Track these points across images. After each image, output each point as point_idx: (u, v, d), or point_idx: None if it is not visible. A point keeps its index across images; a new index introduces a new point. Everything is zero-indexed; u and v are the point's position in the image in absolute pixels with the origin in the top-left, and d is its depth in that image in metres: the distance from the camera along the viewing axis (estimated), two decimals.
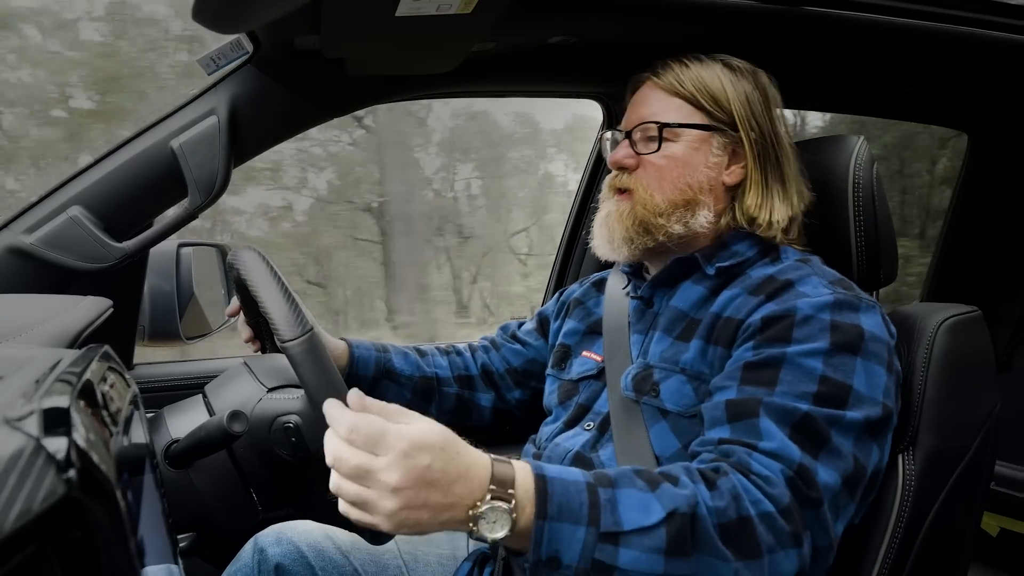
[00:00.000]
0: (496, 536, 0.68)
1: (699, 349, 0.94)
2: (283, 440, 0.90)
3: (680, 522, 0.70)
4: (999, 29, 1.28)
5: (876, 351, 0.85)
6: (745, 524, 0.73)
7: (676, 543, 0.70)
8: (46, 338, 0.79)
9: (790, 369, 0.83)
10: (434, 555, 1.15)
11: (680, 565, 0.70)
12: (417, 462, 0.66)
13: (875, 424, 0.83)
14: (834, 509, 0.80)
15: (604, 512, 0.70)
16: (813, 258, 0.99)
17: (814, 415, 0.80)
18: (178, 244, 1.33)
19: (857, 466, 0.82)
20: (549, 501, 0.69)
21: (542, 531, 0.69)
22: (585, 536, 0.69)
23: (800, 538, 0.76)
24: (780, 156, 1.01)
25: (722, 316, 0.93)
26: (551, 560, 0.69)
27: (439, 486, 0.67)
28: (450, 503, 0.67)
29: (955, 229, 1.89)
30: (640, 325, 1.04)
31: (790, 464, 0.78)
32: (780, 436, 0.79)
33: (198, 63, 1.11)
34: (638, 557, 0.69)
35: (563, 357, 1.14)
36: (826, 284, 0.90)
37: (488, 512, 0.68)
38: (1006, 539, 1.79)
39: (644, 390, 0.96)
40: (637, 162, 1.02)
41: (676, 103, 1.01)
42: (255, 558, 1.06)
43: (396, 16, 0.93)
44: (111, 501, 0.38)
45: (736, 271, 0.98)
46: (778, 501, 0.75)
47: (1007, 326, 1.90)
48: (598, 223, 1.06)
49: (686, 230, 0.99)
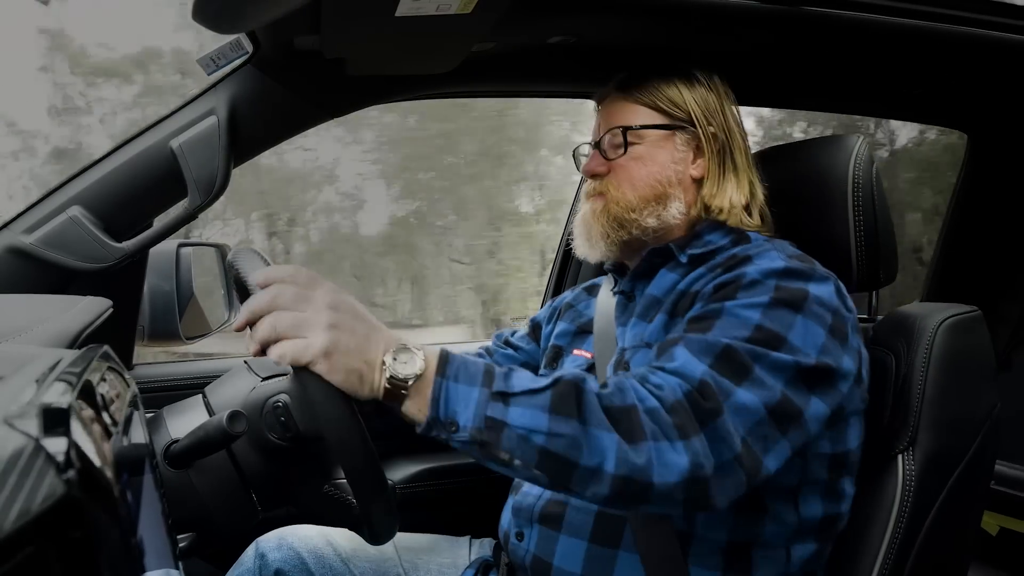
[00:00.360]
0: (408, 372, 0.72)
1: (663, 323, 0.98)
2: (274, 423, 0.90)
3: (565, 386, 0.75)
4: (999, 29, 1.28)
5: (819, 313, 0.85)
6: (630, 411, 0.75)
7: (561, 402, 0.74)
8: (46, 338, 0.79)
9: (727, 319, 0.85)
10: (435, 563, 1.15)
11: (564, 425, 0.73)
12: (346, 296, 0.74)
13: (808, 371, 0.82)
14: (760, 439, 0.79)
15: (497, 379, 0.75)
16: (779, 241, 1.01)
17: (736, 347, 0.81)
18: (178, 244, 1.33)
19: (786, 401, 0.80)
20: (449, 364, 0.75)
21: (440, 388, 0.73)
22: (479, 396, 0.73)
23: (687, 432, 0.75)
24: (733, 149, 1.08)
25: (685, 292, 0.98)
26: (450, 423, 0.73)
27: (364, 321, 0.74)
28: (371, 339, 0.73)
29: (955, 229, 1.89)
30: (623, 317, 1.08)
31: (689, 380, 0.78)
32: (686, 358, 0.81)
33: (198, 63, 1.11)
34: (524, 413, 0.73)
35: (554, 357, 1.17)
36: (783, 257, 0.92)
37: (400, 353, 0.73)
38: (1006, 539, 1.79)
39: (618, 371, 0.98)
40: (608, 168, 1.08)
41: (637, 109, 1.08)
42: (256, 563, 1.07)
43: (396, 16, 0.93)
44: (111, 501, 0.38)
45: (707, 257, 1.02)
46: (664, 400, 0.76)
47: (1007, 326, 1.90)
48: (577, 224, 1.12)
49: (659, 222, 1.05)
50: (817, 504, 0.92)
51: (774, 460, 0.80)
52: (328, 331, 0.70)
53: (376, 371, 0.73)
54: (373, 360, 0.72)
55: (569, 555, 0.96)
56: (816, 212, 1.06)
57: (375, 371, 0.72)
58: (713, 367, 0.80)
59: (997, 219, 1.84)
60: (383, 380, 0.72)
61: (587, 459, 0.73)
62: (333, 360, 0.70)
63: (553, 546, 0.97)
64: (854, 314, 0.91)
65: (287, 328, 0.70)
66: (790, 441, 0.82)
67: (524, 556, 1.01)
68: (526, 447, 0.72)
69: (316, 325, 0.70)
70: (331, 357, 0.70)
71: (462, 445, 0.73)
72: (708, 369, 0.79)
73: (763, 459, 0.79)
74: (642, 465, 0.73)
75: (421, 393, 0.73)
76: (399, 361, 0.73)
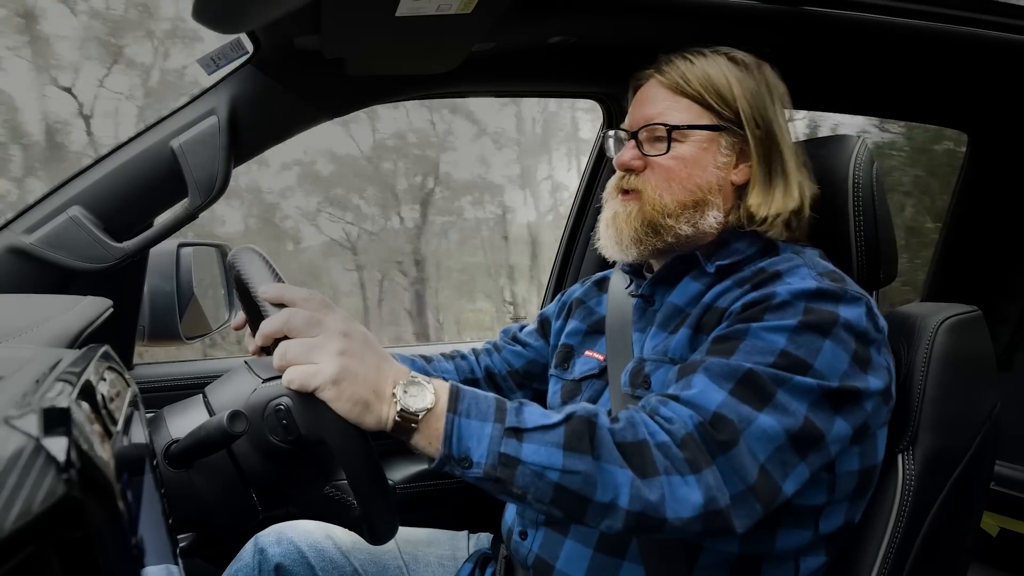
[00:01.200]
0: (418, 407, 0.72)
1: (687, 337, 0.93)
2: (276, 425, 0.90)
3: (578, 422, 0.75)
4: (999, 29, 1.28)
5: (845, 339, 0.83)
6: (642, 447, 0.75)
7: (574, 439, 0.74)
8: (46, 338, 0.79)
9: (751, 341, 0.82)
10: (434, 556, 1.15)
11: (578, 461, 0.73)
12: (357, 326, 0.74)
13: (832, 393, 0.81)
14: (779, 464, 0.78)
15: (509, 414, 0.75)
16: (808, 250, 0.97)
17: (759, 372, 0.79)
18: (178, 244, 1.33)
19: (809, 427, 0.79)
20: (460, 400, 0.74)
21: (452, 424, 0.73)
22: (492, 431, 0.73)
23: (699, 466, 0.75)
24: (784, 152, 0.99)
25: (711, 306, 0.93)
26: (463, 459, 0.73)
27: (374, 350, 0.74)
28: (381, 369, 0.73)
29: (955, 229, 1.89)
30: (641, 323, 1.04)
31: (702, 412, 0.78)
32: (704, 386, 0.79)
33: (198, 63, 1.11)
34: (538, 450, 0.73)
35: (565, 357, 1.14)
36: (814, 276, 0.89)
37: (411, 386, 0.73)
38: (1006, 539, 1.79)
39: (637, 383, 0.96)
40: (644, 163, 0.99)
41: (683, 103, 0.99)
42: (255, 558, 1.07)
43: (396, 16, 0.93)
44: (111, 501, 0.38)
45: (734, 268, 0.98)
46: (674, 435, 0.76)
47: (1007, 326, 1.90)
48: (604, 224, 1.04)
49: (695, 231, 0.98)
50: (839, 517, 0.90)
51: (792, 484, 0.80)
52: (338, 357, 0.70)
53: (385, 403, 0.72)
54: (382, 391, 0.72)
55: (573, 560, 0.95)
56: (816, 212, 1.06)
57: (384, 403, 0.72)
58: (734, 393, 0.78)
59: (997, 219, 1.84)
60: (393, 412, 0.72)
61: (601, 495, 0.73)
62: (341, 387, 0.69)
63: (558, 549, 0.97)
64: (884, 332, 0.89)
65: (297, 354, 0.70)
66: (809, 465, 0.81)
67: (527, 555, 1.01)
68: (540, 483, 0.73)
69: (327, 351, 0.70)
70: (339, 384, 0.69)
71: (476, 481, 0.74)
72: (727, 397, 0.78)
73: (781, 485, 0.79)
74: (655, 501, 0.73)
75: (432, 428, 0.73)
76: (409, 394, 0.72)
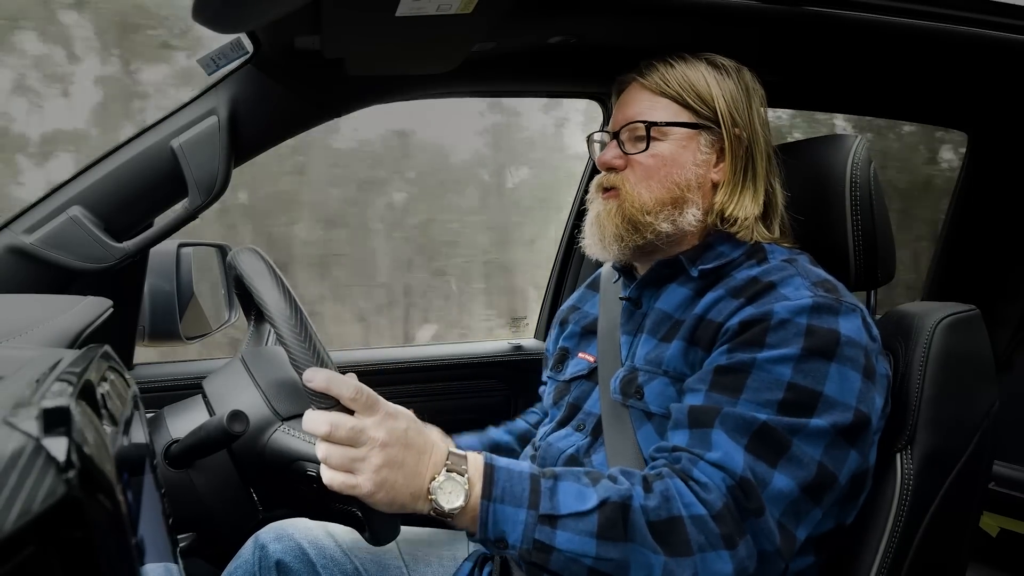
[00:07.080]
0: (452, 506, 0.76)
1: (681, 350, 0.94)
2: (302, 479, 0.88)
3: (612, 510, 0.77)
4: (999, 29, 1.28)
5: (852, 356, 0.85)
6: (676, 523, 0.77)
7: (607, 528, 0.76)
8: (46, 338, 0.79)
9: (758, 375, 0.84)
10: (435, 555, 1.15)
11: (611, 549, 0.76)
12: (398, 424, 0.76)
13: (847, 429, 0.83)
14: (793, 516, 0.81)
15: (543, 498, 0.77)
16: (800, 256, 0.98)
17: (773, 424, 0.82)
18: (178, 244, 1.33)
19: (822, 473, 0.82)
20: (495, 485, 0.77)
21: (487, 511, 0.76)
22: (526, 518, 0.76)
23: (734, 540, 0.78)
24: (755, 154, 1.01)
25: (704, 318, 0.93)
26: (499, 541, 0.76)
27: (414, 448, 0.76)
28: (419, 471, 0.76)
29: (955, 229, 1.89)
30: (629, 326, 1.05)
31: (732, 474, 0.80)
32: (727, 447, 0.82)
33: (198, 63, 1.11)
34: (572, 539, 0.76)
35: (561, 359, 1.16)
36: (808, 286, 0.89)
37: (446, 483, 0.76)
38: (1006, 539, 1.79)
39: (629, 393, 0.97)
40: (625, 162, 1.02)
41: (663, 102, 1.01)
42: (256, 555, 1.06)
43: (396, 16, 0.93)
44: (111, 501, 0.38)
45: (721, 272, 0.98)
46: (711, 506, 0.78)
47: (1007, 326, 1.90)
48: (589, 223, 1.07)
49: (674, 228, 1.00)
50: (830, 520, 0.91)
51: (805, 530, 0.83)
52: (377, 473, 0.74)
53: (421, 500, 0.77)
54: (419, 492, 0.76)
55: None
56: (814, 211, 1.06)
57: (420, 501, 0.77)
58: (749, 449, 0.81)
59: (997, 219, 1.84)
60: (428, 509, 0.76)
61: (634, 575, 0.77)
62: (378, 497, 0.75)
63: None
64: (878, 342, 0.90)
65: (339, 464, 0.75)
66: (823, 507, 0.84)
67: None
68: (575, 567, 0.76)
69: (367, 468, 0.74)
70: (375, 496, 0.75)
71: (513, 559, 0.77)
72: (745, 455, 0.81)
73: (796, 533, 0.82)
74: None
75: (468, 515, 0.77)
76: (444, 491, 0.76)
